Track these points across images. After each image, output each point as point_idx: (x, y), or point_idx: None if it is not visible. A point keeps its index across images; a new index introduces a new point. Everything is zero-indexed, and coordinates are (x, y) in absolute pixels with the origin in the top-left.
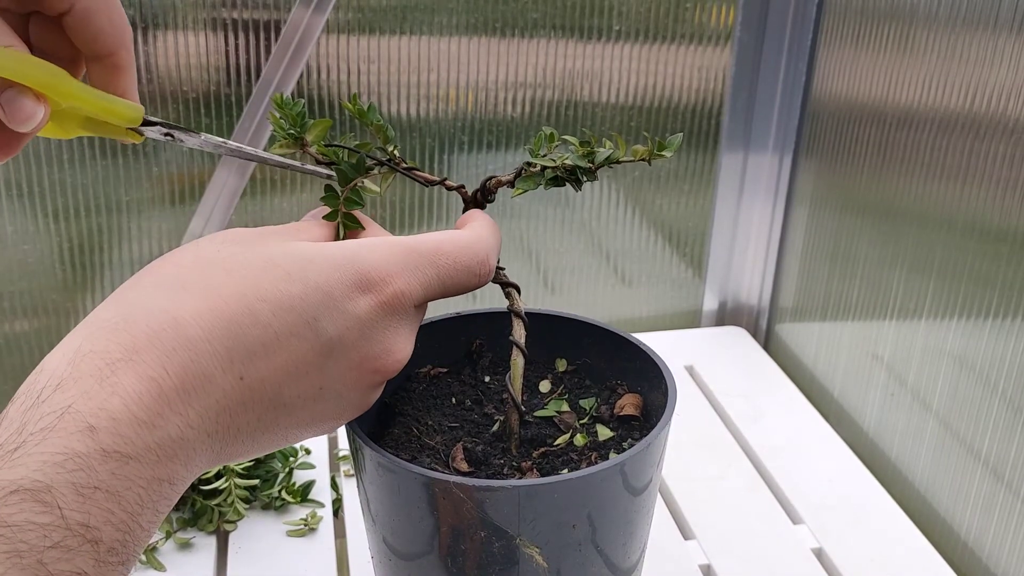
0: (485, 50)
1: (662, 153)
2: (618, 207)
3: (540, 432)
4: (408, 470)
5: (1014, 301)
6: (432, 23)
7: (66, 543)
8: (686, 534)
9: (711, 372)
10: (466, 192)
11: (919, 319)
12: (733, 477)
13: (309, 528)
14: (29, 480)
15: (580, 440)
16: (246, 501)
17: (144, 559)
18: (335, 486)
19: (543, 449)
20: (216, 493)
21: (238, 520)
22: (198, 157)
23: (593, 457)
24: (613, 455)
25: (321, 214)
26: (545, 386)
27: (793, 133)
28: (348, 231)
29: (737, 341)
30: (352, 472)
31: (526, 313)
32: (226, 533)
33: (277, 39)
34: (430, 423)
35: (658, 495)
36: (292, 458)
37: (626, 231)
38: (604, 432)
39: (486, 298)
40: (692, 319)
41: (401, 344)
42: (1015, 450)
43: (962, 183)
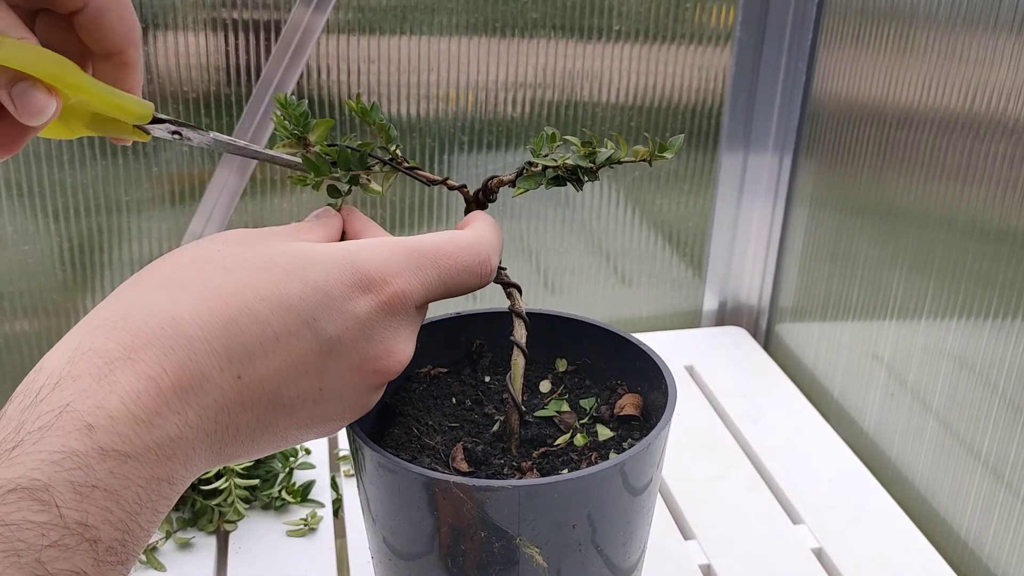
0: (485, 50)
1: (663, 154)
2: (618, 207)
3: (540, 432)
4: (408, 470)
5: (1014, 301)
6: (432, 23)
7: (64, 542)
8: (686, 534)
9: (711, 372)
10: (468, 192)
11: (919, 319)
12: (733, 477)
13: (309, 528)
14: (27, 479)
15: (580, 440)
16: (246, 501)
17: (144, 559)
18: (335, 486)
19: (543, 449)
20: (216, 493)
21: (238, 520)
22: (198, 157)
23: (593, 457)
24: (613, 455)
25: (323, 216)
26: (545, 386)
27: (793, 133)
28: (346, 230)
29: (737, 341)
30: (352, 472)
31: (526, 313)
32: (226, 533)
33: (277, 39)
34: (430, 423)
35: (658, 495)
36: (292, 458)
37: (626, 231)
38: (604, 432)
39: (486, 298)
40: (692, 319)
41: (402, 345)
42: (1015, 450)
43: (962, 183)
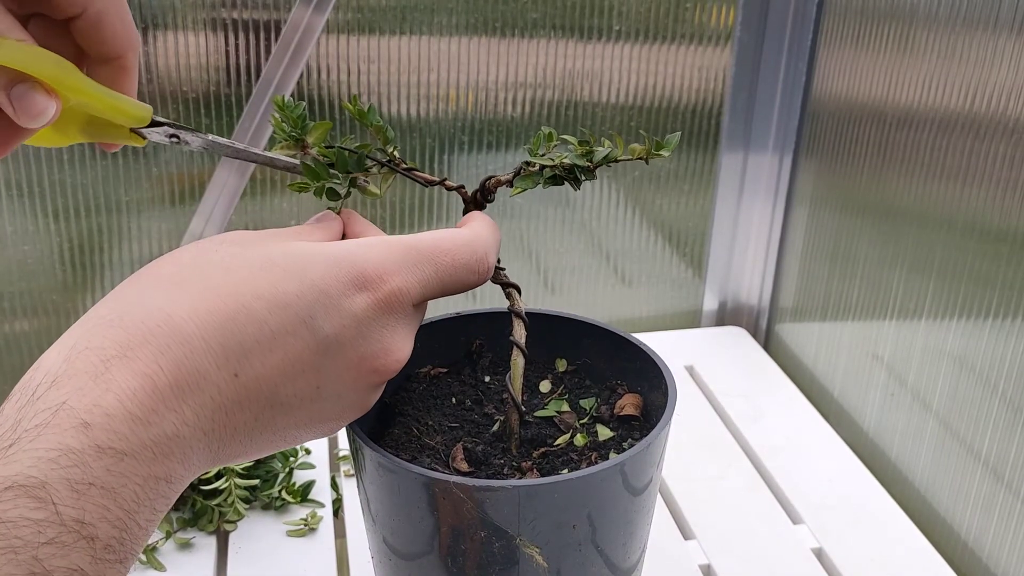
0: (485, 50)
1: (660, 152)
2: (618, 207)
3: (540, 432)
4: (408, 470)
5: (1014, 301)
6: (432, 23)
7: (61, 539)
8: (686, 534)
9: (711, 372)
10: (466, 192)
11: (919, 319)
12: (733, 477)
13: (309, 528)
14: (23, 476)
15: (580, 440)
16: (246, 501)
17: (144, 559)
18: (335, 486)
19: (543, 449)
20: (216, 493)
21: (238, 520)
22: (198, 157)
23: (593, 457)
24: (613, 455)
25: (324, 219)
26: (545, 386)
27: (793, 133)
28: (346, 233)
29: (737, 341)
30: (352, 472)
31: (526, 313)
32: (226, 533)
33: (277, 39)
34: (430, 423)
35: (658, 495)
36: (292, 458)
37: (626, 231)
38: (604, 432)
39: (486, 298)
40: (692, 319)
41: (400, 343)
42: (1015, 450)
43: (962, 183)
